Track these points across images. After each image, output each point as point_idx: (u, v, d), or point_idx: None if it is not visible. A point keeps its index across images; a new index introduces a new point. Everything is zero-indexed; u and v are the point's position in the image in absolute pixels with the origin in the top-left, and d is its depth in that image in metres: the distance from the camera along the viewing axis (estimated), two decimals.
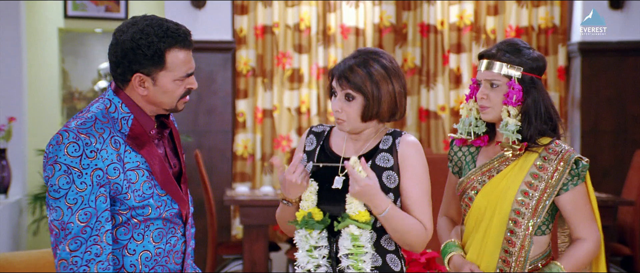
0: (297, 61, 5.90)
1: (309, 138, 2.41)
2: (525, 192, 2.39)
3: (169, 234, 2.16)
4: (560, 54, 5.96)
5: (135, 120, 2.12)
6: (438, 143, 5.97)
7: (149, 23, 2.10)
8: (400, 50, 6.00)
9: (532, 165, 2.40)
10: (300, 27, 5.89)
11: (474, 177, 2.46)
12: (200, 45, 5.68)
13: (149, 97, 2.12)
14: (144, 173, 2.10)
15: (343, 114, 2.30)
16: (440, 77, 5.99)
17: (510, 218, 2.40)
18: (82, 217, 2.02)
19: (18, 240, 5.31)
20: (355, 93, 2.28)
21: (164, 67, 2.09)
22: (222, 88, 5.77)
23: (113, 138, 2.07)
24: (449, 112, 5.99)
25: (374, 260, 2.30)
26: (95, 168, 2.03)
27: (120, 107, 2.11)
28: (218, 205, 5.52)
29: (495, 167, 2.44)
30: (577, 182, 2.40)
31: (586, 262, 2.44)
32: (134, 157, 2.09)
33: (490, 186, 2.43)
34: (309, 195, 2.29)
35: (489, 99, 2.42)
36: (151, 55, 2.07)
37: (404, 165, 2.31)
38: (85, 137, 2.03)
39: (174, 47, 2.09)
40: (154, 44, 2.07)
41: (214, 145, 5.78)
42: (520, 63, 2.41)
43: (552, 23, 5.97)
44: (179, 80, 2.11)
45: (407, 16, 5.98)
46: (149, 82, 2.10)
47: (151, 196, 2.11)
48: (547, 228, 2.45)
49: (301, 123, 5.91)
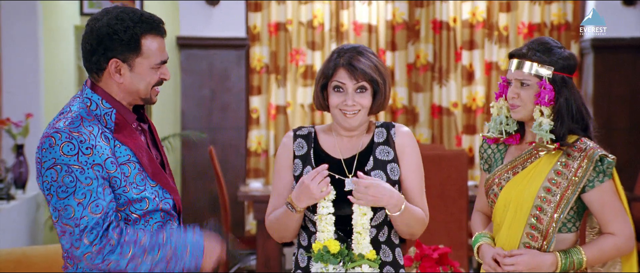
0: (310, 58, 5.93)
1: (296, 142, 2.38)
2: (547, 188, 2.39)
3: (167, 227, 2.17)
4: (573, 51, 5.96)
5: (118, 114, 2.11)
6: (450, 139, 5.99)
7: (123, 10, 2.11)
8: (413, 47, 6.03)
9: (556, 162, 2.40)
10: (314, 24, 5.93)
11: (500, 173, 2.48)
12: (214, 42, 5.74)
13: (124, 84, 2.11)
14: (135, 166, 2.10)
15: (357, 106, 2.29)
16: (452, 73, 6.00)
17: (532, 214, 2.40)
18: (94, 209, 2.03)
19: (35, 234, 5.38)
20: (368, 84, 2.30)
21: (139, 53, 2.09)
22: (235, 85, 5.82)
23: (103, 134, 2.07)
24: (461, 108, 6.00)
25: (386, 255, 2.33)
26: (93, 163, 2.03)
27: (101, 104, 2.11)
28: (232, 201, 5.56)
29: (521, 163, 2.45)
30: (603, 179, 2.38)
31: (612, 256, 2.42)
32: (124, 151, 2.09)
33: (514, 182, 2.44)
34: (325, 225, 2.26)
35: (519, 98, 2.41)
36: (127, 41, 2.07)
37: (403, 155, 2.35)
38: (77, 135, 2.03)
39: (149, 34, 2.10)
40: (130, 29, 2.08)
41: (228, 142, 5.82)
42: (551, 62, 2.39)
43: (564, 20, 5.97)
44: (154, 68, 2.12)
45: (419, 13, 6.00)
46: (125, 68, 2.10)
47: (145, 188, 2.11)
48: (574, 226, 2.44)
49: (314, 119, 5.95)
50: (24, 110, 5.27)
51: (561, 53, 2.42)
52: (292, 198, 2.27)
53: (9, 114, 5.26)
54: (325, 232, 2.26)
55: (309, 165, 2.35)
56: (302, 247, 2.38)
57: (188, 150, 5.76)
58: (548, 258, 2.38)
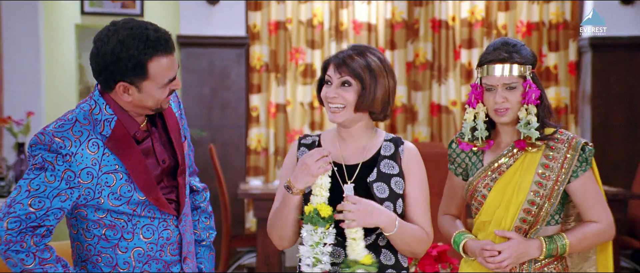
0: (310, 56, 5.96)
1: (300, 151, 2.37)
2: (538, 183, 2.43)
3: (160, 228, 2.17)
4: (571, 49, 5.99)
5: (118, 122, 2.10)
6: (449, 137, 6.01)
7: (129, 33, 2.04)
8: (412, 46, 6.05)
9: (542, 157, 2.44)
10: (313, 22, 5.95)
11: (484, 175, 2.50)
12: (214, 41, 5.76)
13: (133, 102, 2.10)
14: (122, 177, 2.09)
15: (339, 99, 2.27)
16: (451, 72, 6.03)
17: (523, 209, 2.44)
18: (35, 203, 2.04)
19: None
20: (353, 80, 2.27)
21: (146, 78, 2.06)
22: (235, 83, 5.84)
23: (90, 141, 2.07)
24: (460, 106, 6.03)
25: (388, 258, 2.31)
26: (67, 169, 2.04)
27: (104, 109, 2.11)
28: (232, 199, 5.59)
29: (505, 163, 2.48)
30: (585, 168, 2.44)
31: (594, 242, 2.47)
32: (113, 160, 2.08)
33: (503, 182, 2.47)
34: (320, 190, 2.25)
35: (508, 102, 2.43)
36: (133, 67, 2.04)
37: (409, 172, 2.33)
38: (59, 141, 2.04)
39: (155, 57, 2.05)
40: (135, 57, 2.03)
41: (228, 140, 5.84)
42: (528, 62, 2.45)
43: (562, 18, 5.99)
44: (163, 86, 2.09)
45: (418, 12, 6.03)
46: (133, 89, 2.08)
47: (129, 199, 2.10)
48: (560, 218, 2.49)
49: (314, 118, 5.97)
50: (25, 108, 5.28)
51: (528, 50, 2.47)
52: (291, 179, 2.26)
53: (10, 112, 5.28)
54: (319, 196, 2.24)
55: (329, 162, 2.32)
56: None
57: None
58: (533, 243, 2.43)
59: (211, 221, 2.44)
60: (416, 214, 2.31)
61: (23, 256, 2.05)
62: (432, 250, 3.34)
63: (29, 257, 2.06)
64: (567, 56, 6.01)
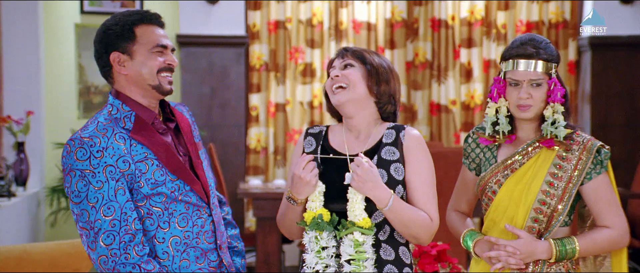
0: (309, 56, 5.96)
1: (307, 140, 2.40)
2: (550, 183, 2.41)
3: (194, 216, 2.23)
4: (571, 49, 5.99)
5: (137, 116, 2.20)
6: (449, 136, 6.02)
7: (121, 11, 2.26)
8: (412, 45, 6.05)
9: (555, 157, 2.42)
10: (313, 22, 5.95)
11: (497, 171, 2.48)
12: (213, 40, 5.77)
13: (130, 75, 2.21)
14: (152, 163, 2.17)
15: (343, 79, 2.31)
16: (451, 71, 6.03)
17: (534, 208, 2.42)
18: (106, 211, 2.10)
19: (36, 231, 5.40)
20: (355, 61, 2.33)
21: (134, 40, 2.20)
22: (235, 82, 5.84)
23: (117, 135, 2.16)
24: (459, 106, 6.03)
25: (388, 254, 2.31)
26: (105, 165, 2.11)
27: (121, 108, 2.21)
28: (231, 198, 5.59)
29: (519, 160, 2.46)
30: (599, 171, 2.41)
31: (605, 248, 2.44)
32: (141, 149, 2.17)
33: (514, 179, 2.45)
34: (316, 196, 2.27)
35: (532, 98, 2.41)
36: (120, 31, 2.19)
37: (409, 157, 2.32)
38: (88, 140, 2.12)
39: (141, 23, 2.21)
40: (121, 22, 2.20)
41: (228, 139, 5.84)
42: (554, 59, 2.43)
43: (562, 18, 6.00)
44: (154, 52, 2.21)
45: (418, 11, 6.03)
46: (125, 57, 2.20)
47: (164, 182, 2.18)
48: (569, 219, 2.46)
49: (313, 117, 5.97)
50: (25, 107, 5.29)
51: (553, 48, 2.45)
52: (292, 192, 2.29)
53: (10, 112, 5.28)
54: (317, 202, 2.26)
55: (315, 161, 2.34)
56: None
57: None
58: (542, 245, 2.40)
59: (237, 231, 2.50)
60: (416, 199, 2.31)
61: (130, 269, 2.11)
62: (431, 249, 3.34)
63: (135, 269, 2.11)
64: (567, 56, 6.01)
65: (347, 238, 2.24)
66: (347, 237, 2.24)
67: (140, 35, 2.20)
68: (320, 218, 2.24)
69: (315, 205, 2.26)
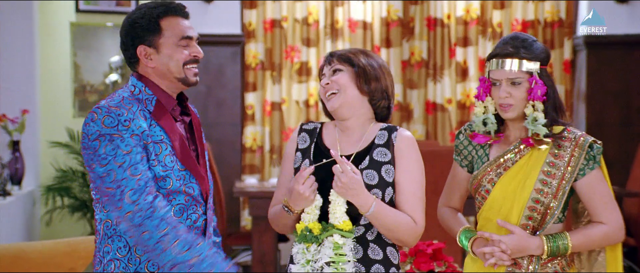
0: (305, 54, 5.96)
1: (301, 136, 2.41)
2: (543, 181, 2.41)
3: (190, 210, 2.26)
4: (566, 48, 6.00)
5: (158, 101, 2.25)
6: (445, 135, 6.03)
7: (147, 4, 2.26)
8: (408, 44, 6.05)
9: (548, 154, 2.42)
10: (309, 21, 5.95)
11: (490, 169, 2.48)
12: (209, 39, 5.76)
13: (157, 68, 2.25)
14: (166, 147, 2.22)
15: (333, 85, 2.32)
16: (446, 70, 6.04)
17: (528, 206, 2.42)
18: (134, 171, 2.15)
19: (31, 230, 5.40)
20: (342, 65, 2.34)
21: (160, 33, 2.23)
22: (231, 81, 5.84)
23: (141, 112, 2.21)
24: (455, 104, 6.04)
25: (376, 253, 2.31)
26: (132, 133, 2.16)
27: (144, 90, 2.25)
28: (227, 197, 5.59)
29: (511, 158, 2.46)
30: (593, 166, 2.41)
31: (600, 244, 2.44)
32: (159, 131, 2.22)
33: (508, 178, 2.45)
34: (312, 209, 2.28)
35: (512, 97, 2.42)
36: (146, 25, 2.23)
37: (399, 159, 2.32)
38: (116, 109, 2.17)
39: (167, 15, 2.24)
40: (147, 15, 2.23)
41: (224, 138, 5.84)
42: (537, 57, 2.43)
43: (557, 16, 6.01)
44: (180, 45, 2.25)
45: (414, 10, 6.03)
46: (151, 51, 2.24)
47: (172, 169, 2.22)
48: (563, 216, 2.47)
49: (309, 116, 5.97)
50: (20, 106, 5.28)
51: (539, 47, 2.45)
52: (289, 202, 2.29)
53: (5, 110, 5.27)
54: (312, 215, 2.27)
55: (307, 159, 2.36)
56: None
57: None
58: (534, 241, 2.41)
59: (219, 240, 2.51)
60: (403, 202, 2.31)
61: (157, 222, 2.13)
62: (427, 248, 3.35)
63: (162, 222, 2.13)
64: (562, 54, 6.02)
65: (327, 241, 2.25)
66: (327, 239, 2.25)
67: (166, 28, 2.24)
68: (309, 231, 2.25)
69: (309, 218, 2.28)
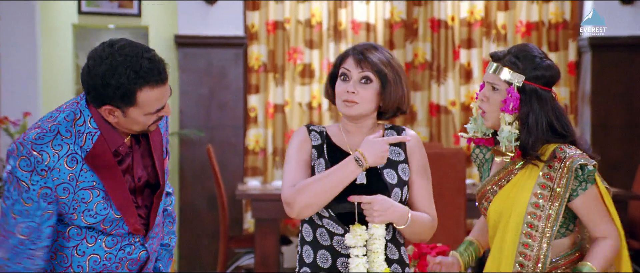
0: (308, 56, 5.94)
1: (312, 134, 2.37)
2: (535, 204, 2.35)
3: (124, 242, 2.16)
4: (571, 49, 5.97)
5: (100, 138, 2.06)
6: (448, 137, 6.00)
7: (123, 60, 2.00)
8: (411, 46, 6.03)
9: (539, 175, 2.35)
10: (312, 22, 5.93)
11: (488, 186, 2.46)
12: (212, 40, 5.75)
13: (119, 123, 2.07)
14: (98, 194, 2.07)
15: (357, 96, 2.28)
16: (450, 72, 6.01)
17: (523, 231, 2.36)
18: (23, 230, 2.05)
19: None
20: (374, 76, 2.29)
21: (134, 104, 2.03)
22: (233, 83, 5.82)
23: (70, 157, 2.03)
24: (459, 106, 6.01)
25: (392, 253, 2.33)
26: (43, 186, 2.02)
27: (89, 122, 2.06)
28: (230, 200, 5.57)
29: (505, 176, 2.42)
30: (586, 187, 2.34)
31: (612, 259, 2.41)
32: (90, 177, 2.06)
33: (501, 197, 2.42)
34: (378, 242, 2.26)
35: (488, 102, 2.38)
36: (121, 95, 2.00)
37: (412, 158, 2.35)
38: (37, 155, 2.00)
39: (145, 87, 2.01)
40: (124, 86, 1.99)
41: (226, 140, 5.82)
42: (523, 71, 2.33)
43: (562, 18, 5.98)
44: (150, 114, 2.07)
45: (417, 11, 6.01)
46: (118, 112, 2.05)
47: (105, 217, 2.09)
48: (567, 230, 2.41)
49: (312, 118, 5.95)
50: (22, 108, 5.27)
51: (539, 63, 2.35)
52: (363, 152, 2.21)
53: (7, 113, 5.26)
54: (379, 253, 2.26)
55: (322, 158, 2.33)
56: (306, 243, 2.35)
57: (186, 148, 5.77)
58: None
59: (174, 226, 2.43)
60: (419, 200, 2.34)
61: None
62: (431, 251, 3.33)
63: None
64: (567, 56, 5.99)
65: None
66: None
67: (141, 101, 2.01)
68: None
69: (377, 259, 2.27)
